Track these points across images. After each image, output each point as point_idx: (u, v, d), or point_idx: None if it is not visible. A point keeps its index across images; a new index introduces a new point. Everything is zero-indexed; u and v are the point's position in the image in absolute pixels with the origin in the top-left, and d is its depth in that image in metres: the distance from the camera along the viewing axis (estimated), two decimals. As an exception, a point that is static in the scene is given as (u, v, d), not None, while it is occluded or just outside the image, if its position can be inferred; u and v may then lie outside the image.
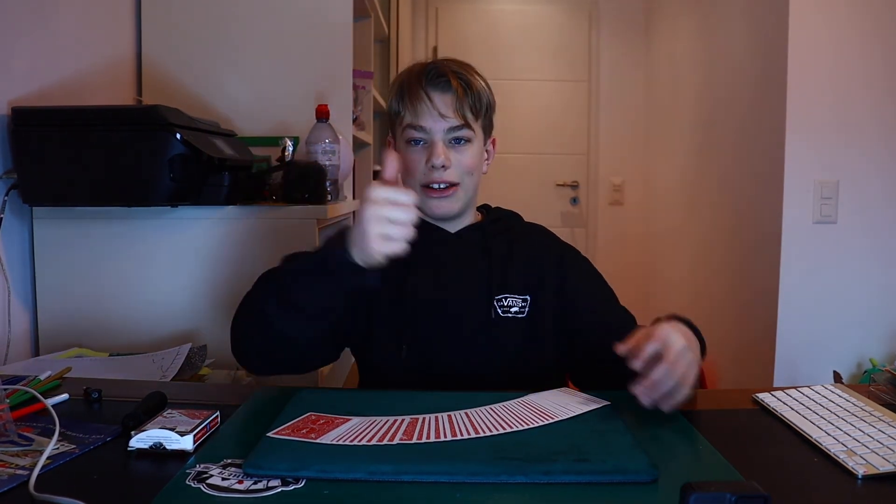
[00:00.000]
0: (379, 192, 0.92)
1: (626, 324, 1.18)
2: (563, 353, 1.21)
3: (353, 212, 2.28)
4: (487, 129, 1.24)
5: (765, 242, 2.40)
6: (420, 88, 1.16)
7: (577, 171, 4.33)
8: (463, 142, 1.17)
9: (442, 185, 1.16)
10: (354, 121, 2.25)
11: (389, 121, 1.24)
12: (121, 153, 1.37)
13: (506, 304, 1.18)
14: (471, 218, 1.25)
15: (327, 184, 1.60)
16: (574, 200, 4.33)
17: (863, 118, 2.22)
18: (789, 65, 2.23)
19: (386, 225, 0.90)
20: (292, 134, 1.91)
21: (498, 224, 1.26)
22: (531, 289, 1.20)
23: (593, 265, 1.28)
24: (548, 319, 1.19)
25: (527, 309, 1.18)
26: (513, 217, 1.31)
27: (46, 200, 1.42)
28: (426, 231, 1.20)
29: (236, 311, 1.10)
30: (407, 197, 0.92)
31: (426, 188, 1.17)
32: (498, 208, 1.32)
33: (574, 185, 4.33)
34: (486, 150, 1.25)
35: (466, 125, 1.17)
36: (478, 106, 1.18)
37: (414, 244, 1.17)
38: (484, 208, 1.32)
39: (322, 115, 1.67)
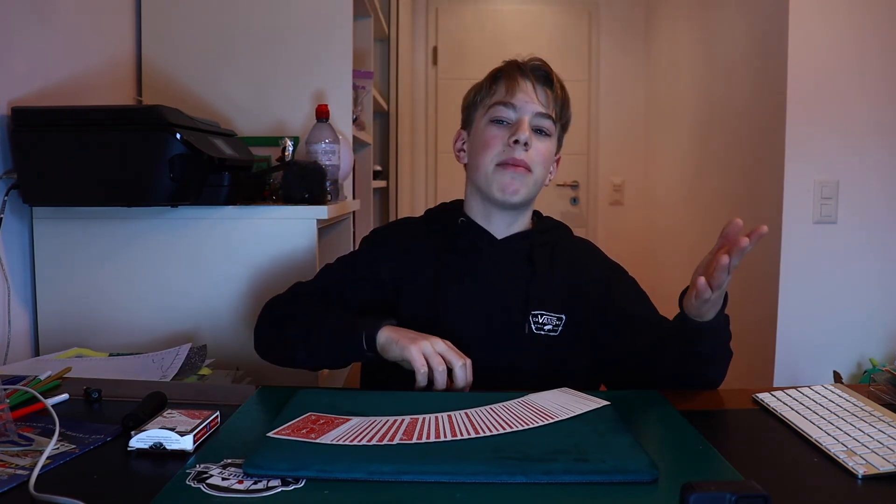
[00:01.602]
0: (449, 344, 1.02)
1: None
2: (595, 373, 1.18)
3: (354, 212, 2.29)
4: (559, 141, 1.25)
5: (765, 242, 2.40)
6: (520, 73, 1.18)
7: (577, 171, 4.33)
8: (543, 133, 1.18)
9: (519, 164, 1.15)
10: (354, 121, 2.25)
11: (466, 110, 1.24)
12: (121, 153, 1.37)
13: (540, 321, 1.15)
14: (522, 224, 1.23)
15: (327, 184, 1.60)
16: (574, 200, 4.33)
17: (863, 118, 2.23)
18: (789, 65, 2.23)
19: (435, 355, 1.00)
20: (292, 134, 1.92)
21: (545, 235, 1.24)
22: (569, 307, 1.17)
23: (638, 284, 1.25)
24: (583, 340, 1.17)
25: (560, 328, 1.16)
26: (561, 229, 1.29)
27: (46, 200, 1.42)
28: (472, 233, 1.21)
29: (264, 319, 1.18)
30: (468, 361, 1.01)
31: (502, 165, 1.15)
32: (549, 218, 1.30)
33: (574, 185, 4.33)
34: (552, 164, 1.25)
35: (552, 117, 1.18)
36: (564, 112, 1.21)
37: (457, 245, 1.18)
38: (535, 215, 1.29)
39: (322, 115, 1.67)
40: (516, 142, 1.14)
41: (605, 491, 0.70)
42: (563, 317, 1.17)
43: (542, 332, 1.15)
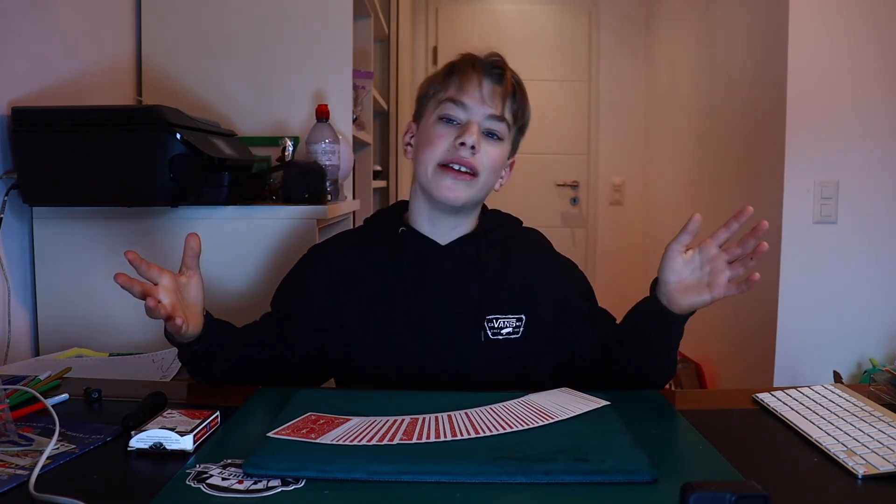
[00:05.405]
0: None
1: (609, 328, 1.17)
2: (559, 370, 1.16)
3: (353, 212, 2.29)
4: (514, 145, 1.19)
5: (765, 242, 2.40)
6: (474, 70, 1.12)
7: (577, 171, 4.33)
8: (495, 137, 1.12)
9: (463, 169, 1.10)
10: (354, 121, 2.25)
11: (419, 101, 1.18)
12: (121, 153, 1.37)
13: (496, 325, 1.11)
14: (468, 225, 1.17)
15: (327, 184, 1.60)
16: (574, 200, 4.33)
17: (862, 118, 2.23)
18: (789, 65, 2.23)
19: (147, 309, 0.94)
20: (292, 134, 1.92)
21: (492, 235, 1.18)
22: (527, 306, 1.14)
23: (586, 277, 1.23)
24: (543, 338, 1.14)
25: (521, 329, 1.12)
26: (509, 224, 1.23)
27: (46, 200, 1.42)
28: (415, 243, 1.15)
29: None
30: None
31: (444, 167, 1.10)
32: (495, 213, 1.24)
33: (574, 185, 4.33)
34: (504, 168, 1.19)
35: (505, 121, 1.12)
36: (519, 114, 1.15)
37: (402, 258, 1.15)
38: (482, 211, 1.23)
39: (322, 115, 1.67)
40: (462, 144, 1.08)
41: (605, 491, 0.70)
42: (523, 317, 1.13)
43: (501, 337, 1.11)
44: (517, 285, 1.15)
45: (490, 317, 1.12)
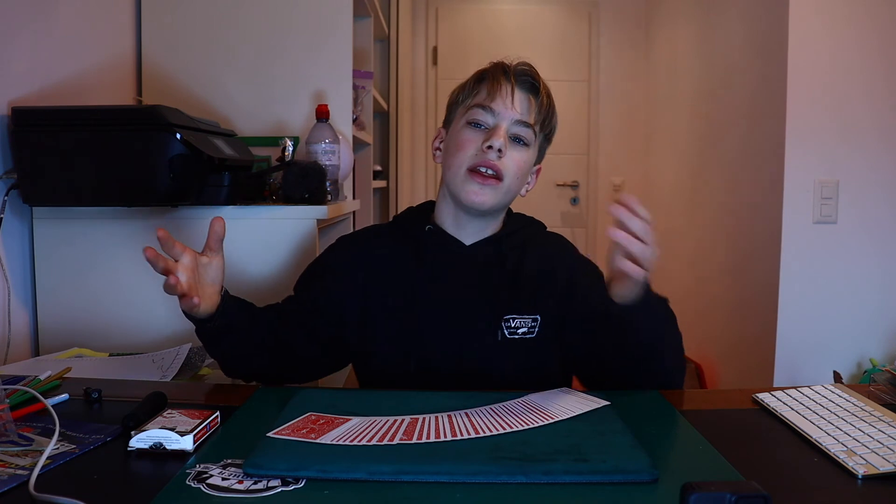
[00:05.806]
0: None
1: None
2: (570, 367, 1.17)
3: (353, 212, 2.29)
4: (541, 152, 1.22)
5: (765, 242, 2.40)
6: (504, 76, 1.15)
7: (577, 171, 4.33)
8: (521, 142, 1.15)
9: (489, 172, 1.11)
10: (354, 121, 2.25)
11: (449, 108, 1.21)
12: (121, 153, 1.37)
13: (513, 325, 1.14)
14: (493, 228, 1.20)
15: (327, 184, 1.60)
16: (574, 200, 4.33)
17: (863, 118, 2.23)
18: (789, 65, 2.23)
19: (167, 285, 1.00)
20: (292, 134, 1.92)
21: (514, 237, 1.21)
22: (542, 307, 1.15)
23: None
24: (556, 338, 1.15)
25: (536, 329, 1.14)
26: (533, 226, 1.26)
27: (46, 200, 1.42)
28: (440, 241, 1.18)
29: None
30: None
31: (472, 172, 1.12)
32: (520, 216, 1.26)
33: (574, 185, 4.33)
34: (530, 174, 1.21)
35: (531, 126, 1.15)
36: (546, 123, 1.18)
37: (426, 255, 1.17)
38: (507, 214, 1.25)
39: (322, 115, 1.67)
40: (490, 147, 1.11)
41: (605, 491, 0.70)
42: (538, 317, 1.15)
43: (517, 336, 1.13)
44: (534, 285, 1.17)
45: (507, 317, 1.14)
